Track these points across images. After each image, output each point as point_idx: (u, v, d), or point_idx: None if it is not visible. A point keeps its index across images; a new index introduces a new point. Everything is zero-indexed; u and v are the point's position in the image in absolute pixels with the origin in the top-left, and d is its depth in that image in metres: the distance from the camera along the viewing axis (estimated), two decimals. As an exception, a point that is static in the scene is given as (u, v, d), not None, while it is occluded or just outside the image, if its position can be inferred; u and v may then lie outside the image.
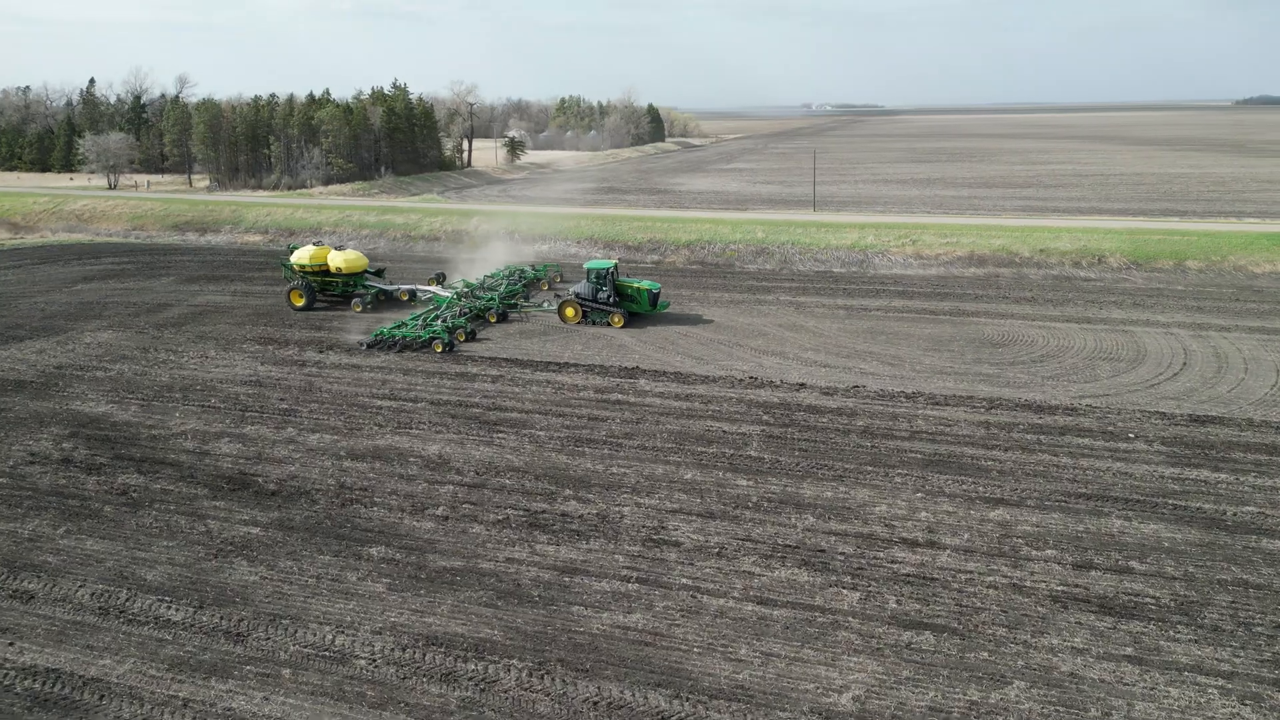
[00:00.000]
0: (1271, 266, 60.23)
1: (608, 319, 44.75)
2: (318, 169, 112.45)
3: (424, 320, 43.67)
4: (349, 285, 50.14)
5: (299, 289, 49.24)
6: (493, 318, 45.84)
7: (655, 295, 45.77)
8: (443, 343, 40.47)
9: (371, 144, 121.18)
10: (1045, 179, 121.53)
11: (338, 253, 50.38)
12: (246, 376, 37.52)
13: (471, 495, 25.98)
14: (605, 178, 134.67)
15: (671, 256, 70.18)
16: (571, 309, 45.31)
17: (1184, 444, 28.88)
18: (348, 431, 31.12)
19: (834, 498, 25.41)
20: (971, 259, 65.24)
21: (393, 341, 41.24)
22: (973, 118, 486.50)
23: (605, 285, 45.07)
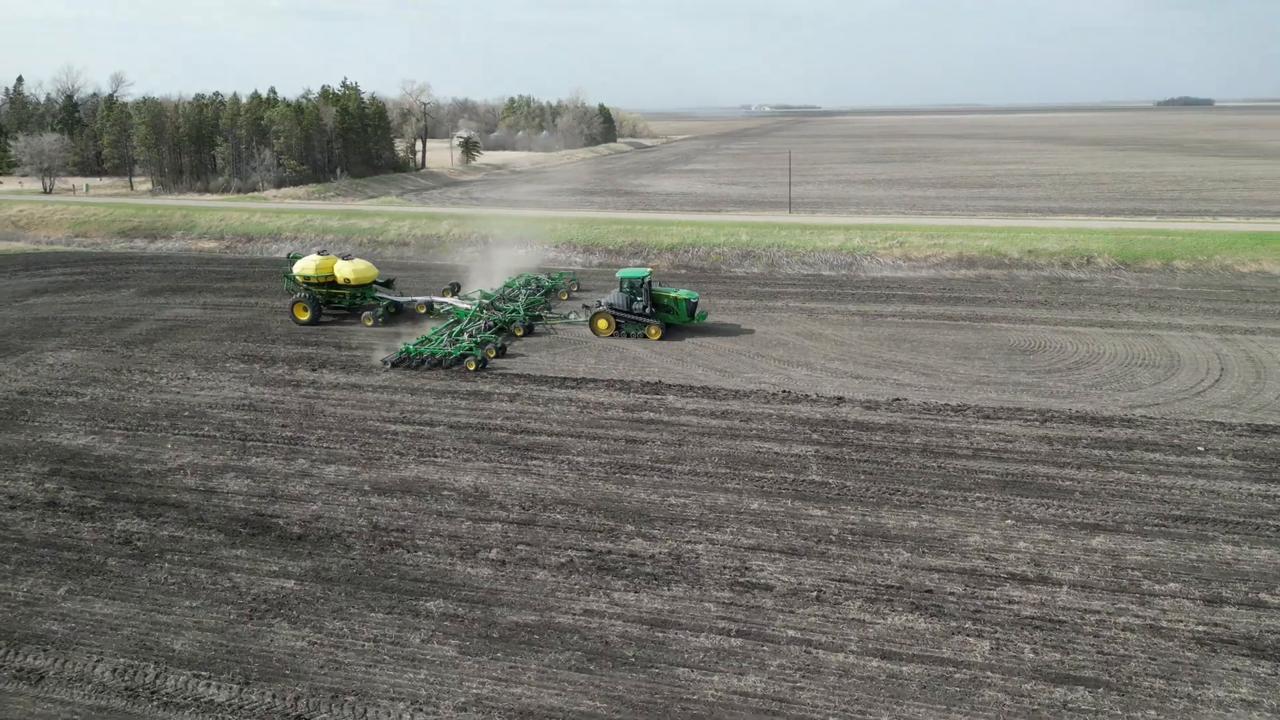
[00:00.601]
0: (1257, 266, 60.35)
1: (643, 331, 42.30)
2: (269, 171, 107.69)
3: (450, 335, 40.78)
4: (357, 297, 46.90)
5: (304, 302, 45.83)
6: (519, 331, 42.97)
7: (694, 305, 43.40)
8: (475, 359, 37.64)
9: (324, 145, 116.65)
10: (1005, 179, 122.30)
11: (345, 262, 46.96)
12: (238, 400, 34.34)
13: (523, 534, 23.51)
14: (567, 179, 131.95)
15: (655, 260, 67.97)
16: (604, 321, 42.73)
17: (1257, 457, 27.70)
18: (366, 462, 28.33)
19: (919, 528, 23.53)
20: (961, 260, 64.36)
21: (419, 359, 38.25)
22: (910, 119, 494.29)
23: (640, 295, 42.61)
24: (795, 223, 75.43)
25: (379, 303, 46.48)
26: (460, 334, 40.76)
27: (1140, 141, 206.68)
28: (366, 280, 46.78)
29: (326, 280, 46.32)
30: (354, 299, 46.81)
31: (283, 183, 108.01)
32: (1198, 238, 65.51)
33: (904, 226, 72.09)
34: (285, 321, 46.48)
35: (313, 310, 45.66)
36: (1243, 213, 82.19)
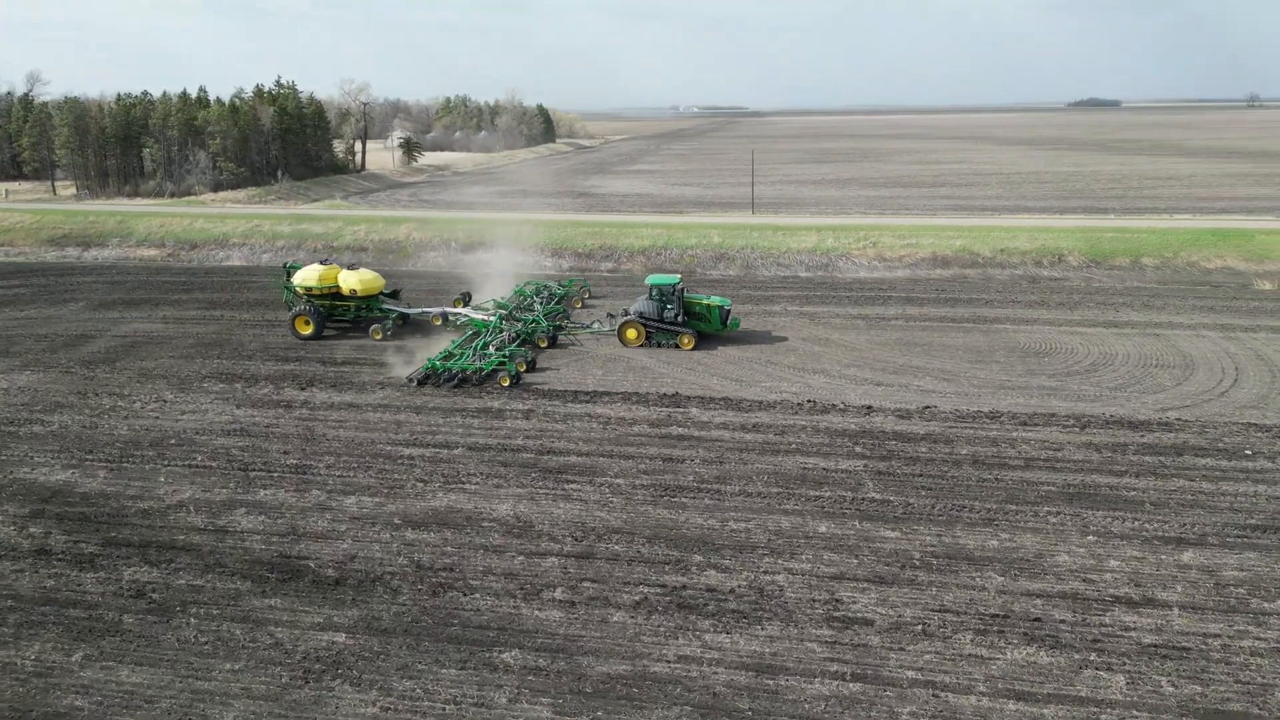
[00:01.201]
0: (1222, 262, 61.37)
1: (675, 340, 40.41)
2: (205, 174, 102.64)
3: (475, 349, 38.43)
4: (363, 309, 44.07)
5: (306, 315, 42.75)
6: (543, 342, 40.65)
7: (726, 313, 41.62)
8: (509, 374, 35.39)
9: (262, 146, 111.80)
10: (951, 179, 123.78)
11: (350, 272, 44.03)
12: (226, 424, 31.57)
13: (584, 569, 21.63)
14: (515, 180, 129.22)
15: (627, 264, 66.34)
16: (634, 330, 40.71)
17: (1307, 460, 27.33)
18: (388, 491, 26.04)
19: (1001, 548, 22.37)
20: (935, 260, 64.18)
21: (448, 375, 35.73)
22: (837, 119, 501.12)
23: (672, 303, 40.73)
24: (766, 224, 74.56)
25: (387, 315, 43.77)
26: (483, 347, 38.54)
27: (1066, 141, 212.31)
28: (374, 291, 44.00)
29: (330, 292, 43.37)
30: (360, 311, 44.00)
31: (220, 186, 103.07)
32: (1161, 235, 66.48)
33: (875, 227, 71.77)
34: (259, 336, 43.49)
35: (316, 324, 42.69)
36: (1186, 210, 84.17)
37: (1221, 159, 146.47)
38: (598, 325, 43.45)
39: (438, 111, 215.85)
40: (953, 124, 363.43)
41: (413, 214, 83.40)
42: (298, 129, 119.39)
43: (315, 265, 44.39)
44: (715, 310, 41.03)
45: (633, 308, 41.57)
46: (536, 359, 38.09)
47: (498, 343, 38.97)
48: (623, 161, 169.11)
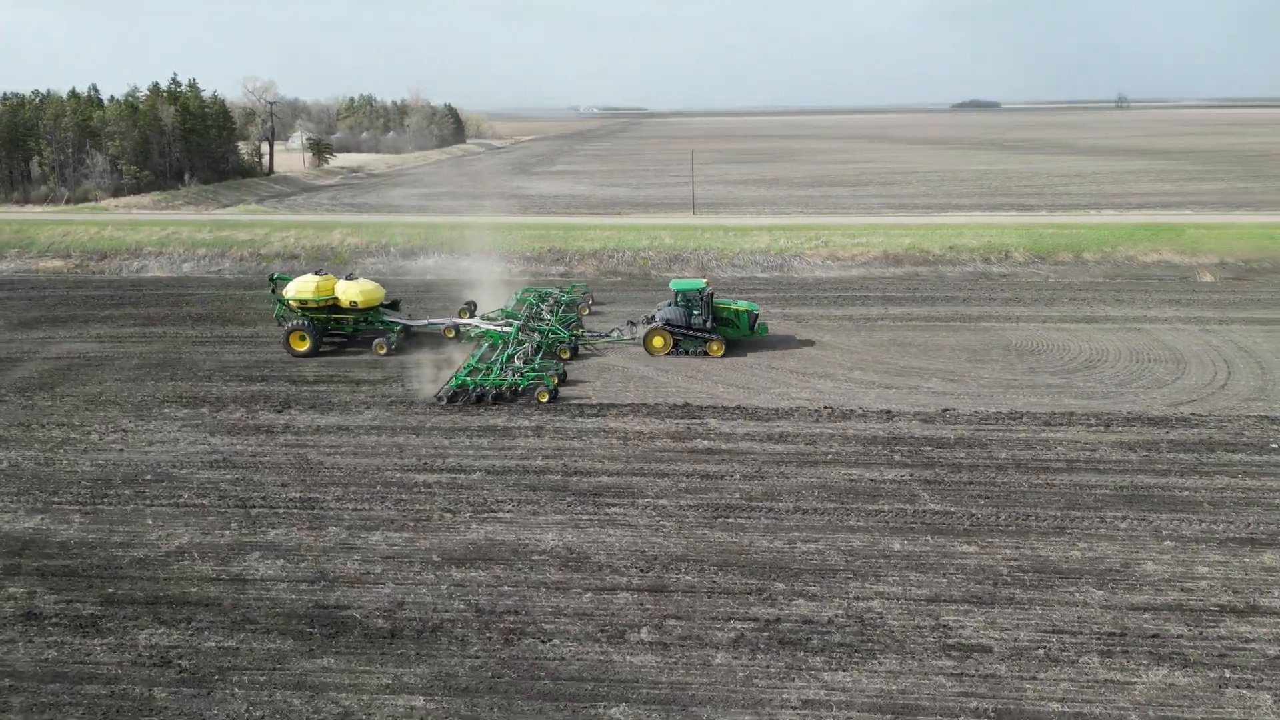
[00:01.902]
0: (1157, 256, 63.31)
1: (704, 348, 38.66)
2: (104, 178, 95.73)
3: (501, 362, 36.13)
4: (363, 322, 40.97)
5: (303, 330, 39.44)
6: (565, 353, 38.37)
7: (755, 317, 40.15)
8: (548, 389, 33.16)
9: (165, 148, 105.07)
10: (873, 178, 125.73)
11: (350, 283, 40.81)
12: (204, 455, 28.49)
13: (662, 604, 19.87)
14: (435, 181, 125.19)
15: (579, 267, 64.46)
16: (660, 338, 38.76)
17: (1332, 452, 27.65)
18: (415, 525, 23.68)
19: (1084, 558, 21.61)
20: (887, 259, 64.39)
21: (480, 391, 33.23)
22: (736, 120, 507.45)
23: (700, 308, 38.96)
24: (715, 225, 73.79)
25: (390, 328, 40.86)
26: (507, 360, 36.35)
27: (965, 140, 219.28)
28: (375, 302, 41.01)
29: (327, 304, 40.19)
30: (359, 324, 40.93)
31: (120, 190, 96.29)
32: (1097, 230, 68.40)
33: (823, 226, 71.84)
34: (213, 354, 39.98)
35: (314, 339, 39.44)
36: (1104, 205, 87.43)
37: (1114, 157, 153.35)
38: (617, 334, 41.44)
39: (341, 112, 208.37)
40: (850, 124, 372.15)
41: (343, 218, 79.46)
42: (201, 130, 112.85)
43: (309, 276, 41.09)
44: (744, 315, 39.67)
45: (658, 314, 39.69)
46: (566, 371, 35.99)
47: (521, 355, 36.82)
48: (540, 162, 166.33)
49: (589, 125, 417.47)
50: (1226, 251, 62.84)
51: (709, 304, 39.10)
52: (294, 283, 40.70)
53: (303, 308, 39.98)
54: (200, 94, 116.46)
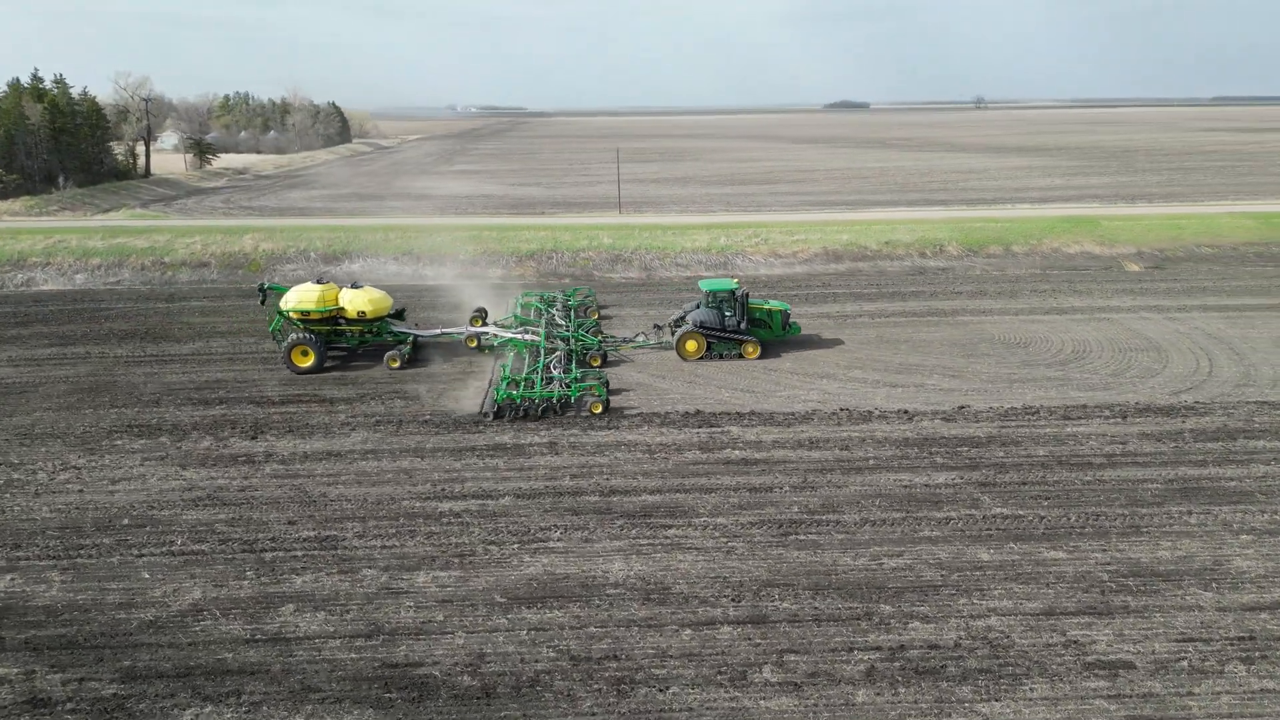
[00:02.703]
0: (1080, 247, 65.53)
1: (738, 350, 37.01)
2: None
3: (539, 372, 33.68)
4: (368, 334, 37.46)
5: (307, 344, 35.77)
6: (596, 360, 36.04)
7: (787, 317, 38.70)
8: (601, 400, 30.95)
9: (33, 149, 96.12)
10: (781, 176, 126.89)
11: (356, 292, 37.32)
12: (184, 492, 25.08)
13: (771, 637, 18.17)
14: (333, 182, 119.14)
15: (518, 269, 61.90)
16: (694, 342, 36.87)
17: (1342, 435, 28.29)
18: (460, 561, 21.21)
19: (1175, 558, 21.08)
20: (828, 255, 64.47)
21: (527, 404, 30.78)
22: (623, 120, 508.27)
23: (733, 309, 37.22)
24: (651, 224, 72.37)
25: (400, 339, 37.68)
26: (543, 369, 34.00)
27: (848, 140, 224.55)
28: (384, 312, 37.61)
29: (332, 315, 36.65)
30: (364, 336, 37.42)
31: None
32: (1020, 224, 70.34)
33: (759, 224, 71.44)
34: (153, 375, 35.87)
35: (318, 354, 35.87)
36: (1000, 200, 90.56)
37: (996, 154, 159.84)
38: (642, 338, 39.55)
39: (215, 111, 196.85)
40: (734, 124, 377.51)
41: (251, 223, 74.05)
42: (72, 129, 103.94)
43: (309, 285, 37.31)
44: (777, 315, 38.33)
45: (690, 317, 37.86)
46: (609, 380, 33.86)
47: (557, 364, 34.51)
48: (437, 161, 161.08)
49: (471, 125, 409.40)
50: (1141, 242, 65.54)
51: (744, 305, 37.55)
52: (293, 292, 37.05)
53: (304, 320, 36.41)
54: (69, 91, 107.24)
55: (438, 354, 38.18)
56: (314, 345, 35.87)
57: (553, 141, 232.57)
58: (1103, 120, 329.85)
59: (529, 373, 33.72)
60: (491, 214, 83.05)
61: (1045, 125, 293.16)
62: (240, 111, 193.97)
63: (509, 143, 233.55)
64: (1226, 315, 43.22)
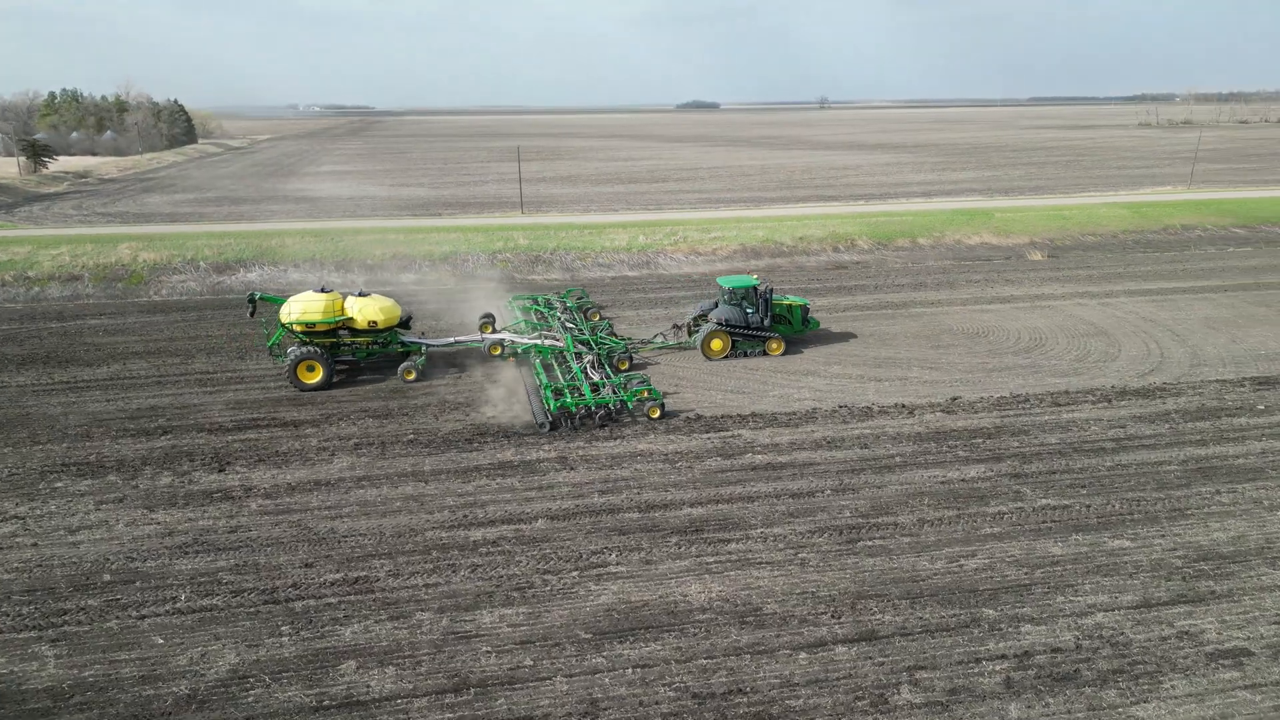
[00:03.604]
0: (980, 239, 68.23)
1: (762, 347, 36.23)
2: None
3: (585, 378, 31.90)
4: (377, 345, 34.22)
5: (314, 358, 32.40)
6: (624, 364, 34.48)
7: (806, 311, 38.05)
8: (659, 405, 29.46)
9: None
10: (667, 175, 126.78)
11: (365, 300, 33.99)
12: (163, 538, 21.87)
13: (892, 653, 17.19)
14: (195, 185, 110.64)
15: (433, 273, 58.95)
16: (719, 340, 35.92)
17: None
18: (519, 596, 19.23)
19: (1229, 539, 21.49)
20: (746, 251, 64.63)
21: (585, 412, 29.03)
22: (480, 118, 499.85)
23: (754, 306, 36.42)
24: (562, 223, 70.65)
25: (410, 349, 34.79)
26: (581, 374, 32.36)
27: (717, 139, 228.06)
28: (394, 322, 34.41)
29: (338, 326, 33.40)
30: (372, 347, 34.21)
31: None
32: (919, 217, 72.68)
33: (675, 222, 70.95)
34: (71, 404, 31.50)
35: (327, 369, 32.65)
36: (886, 194, 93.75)
37: (864, 151, 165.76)
38: (660, 338, 38.27)
39: (41, 109, 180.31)
40: (595, 123, 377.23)
41: (124, 230, 67.53)
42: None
43: (311, 294, 33.57)
44: (797, 311, 37.63)
45: (712, 315, 36.72)
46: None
47: (595, 369, 32.97)
48: (300, 163, 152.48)
49: (320, 124, 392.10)
50: (1032, 232, 68.77)
51: (767, 301, 36.70)
52: (295, 302, 33.38)
53: (310, 331, 33.04)
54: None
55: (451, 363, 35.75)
56: (321, 359, 32.65)
57: (418, 141, 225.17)
58: (942, 119, 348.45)
59: (569, 380, 32.13)
60: (387, 216, 78.96)
61: (891, 124, 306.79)
62: (69, 110, 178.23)
63: (371, 142, 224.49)
64: (1152, 299, 45.49)
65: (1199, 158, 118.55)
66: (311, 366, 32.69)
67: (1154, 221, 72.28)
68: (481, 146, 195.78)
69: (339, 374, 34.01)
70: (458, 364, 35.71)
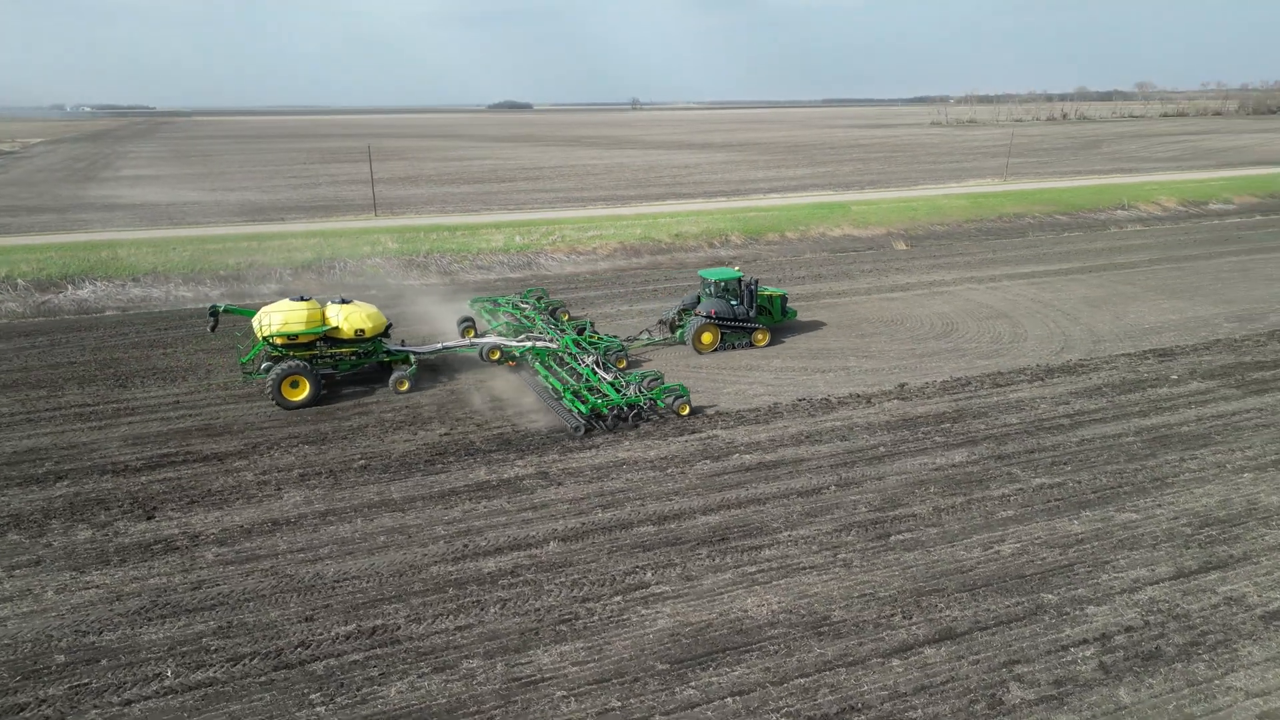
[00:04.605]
0: (842, 231, 70.72)
1: (748, 339, 35.76)
2: None
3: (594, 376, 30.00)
4: (362, 355, 30.90)
5: (300, 373, 28.89)
6: (622, 362, 32.94)
7: (785, 302, 37.78)
8: (688, 402, 28.29)
9: None
10: (514, 174, 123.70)
11: (347, 308, 30.77)
12: (111, 604, 18.42)
13: (978, 650, 16.72)
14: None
15: (295, 282, 54.65)
16: (710, 333, 35.30)
17: (1217, 376, 32.16)
18: (573, 630, 17.42)
19: (1217, 504, 22.56)
20: (627, 250, 64.04)
21: (617, 413, 27.76)
22: (286, 119, 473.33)
23: (739, 298, 35.85)
24: (430, 224, 67.43)
25: (396, 358, 31.83)
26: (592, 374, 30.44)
27: (545, 139, 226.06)
28: (380, 330, 31.23)
29: (319, 337, 29.97)
30: (357, 359, 30.78)
31: None
32: (783, 212, 74.59)
33: (550, 221, 69.40)
34: (-73, 450, 26.26)
35: (314, 384, 29.26)
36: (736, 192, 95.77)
37: (697, 150, 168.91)
38: (647, 335, 37.25)
39: None
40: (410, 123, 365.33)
41: (-87, 246, 58.26)
42: None
43: (289, 303, 29.90)
44: (777, 301, 37.43)
45: (700, 308, 35.84)
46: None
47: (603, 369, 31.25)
48: (94, 168, 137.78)
49: (98, 126, 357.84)
50: (887, 223, 71.95)
51: (752, 292, 36.16)
52: (271, 313, 29.66)
53: (291, 343, 29.51)
54: None
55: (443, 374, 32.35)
56: (308, 373, 29.23)
57: (222, 143, 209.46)
58: (751, 120, 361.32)
59: (581, 383, 30.12)
60: (224, 223, 72.52)
61: (706, 124, 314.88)
62: None
63: (167, 145, 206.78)
64: (1031, 282, 48.23)
65: (1004, 152, 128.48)
66: (295, 382, 29.28)
67: (990, 210, 77.21)
68: (297, 148, 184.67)
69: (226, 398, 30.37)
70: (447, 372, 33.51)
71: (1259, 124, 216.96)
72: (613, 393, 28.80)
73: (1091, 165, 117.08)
